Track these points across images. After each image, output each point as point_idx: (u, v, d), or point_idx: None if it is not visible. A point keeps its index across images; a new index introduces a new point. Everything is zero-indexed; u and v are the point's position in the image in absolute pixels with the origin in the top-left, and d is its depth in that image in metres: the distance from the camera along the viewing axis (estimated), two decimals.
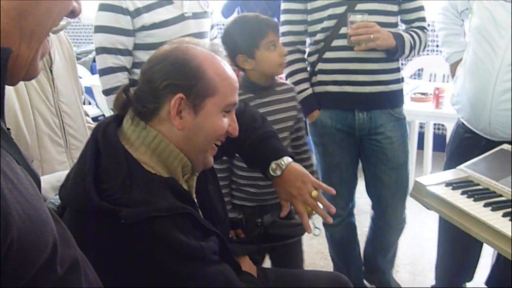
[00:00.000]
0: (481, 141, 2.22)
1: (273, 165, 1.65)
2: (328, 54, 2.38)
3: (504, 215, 1.59)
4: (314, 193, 1.62)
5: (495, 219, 1.58)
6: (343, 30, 2.32)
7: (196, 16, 2.49)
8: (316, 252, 3.44)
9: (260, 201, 2.22)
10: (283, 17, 2.47)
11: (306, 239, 3.52)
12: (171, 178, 1.32)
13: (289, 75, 2.48)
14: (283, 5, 2.46)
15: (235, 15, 4.53)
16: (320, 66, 2.41)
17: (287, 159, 1.66)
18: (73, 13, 0.81)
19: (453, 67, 2.48)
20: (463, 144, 2.34)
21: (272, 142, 1.73)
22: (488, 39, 2.13)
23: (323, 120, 2.46)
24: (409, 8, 2.42)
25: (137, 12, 2.34)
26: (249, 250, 1.73)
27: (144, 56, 2.41)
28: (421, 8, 2.45)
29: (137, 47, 2.41)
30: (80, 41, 6.48)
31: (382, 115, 2.42)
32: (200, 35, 2.48)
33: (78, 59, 5.00)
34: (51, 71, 1.89)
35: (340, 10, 2.32)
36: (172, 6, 2.42)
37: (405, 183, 2.56)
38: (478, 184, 1.84)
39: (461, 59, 2.37)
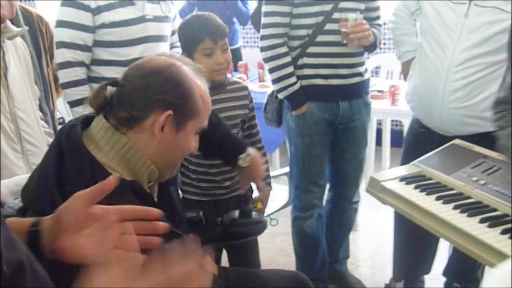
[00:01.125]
0: (434, 136, 2.29)
1: (240, 160, 1.89)
2: (313, 49, 2.49)
3: (455, 208, 1.65)
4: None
5: (446, 211, 1.63)
6: (328, 26, 2.44)
7: (157, 19, 2.53)
8: (278, 250, 3.48)
9: (214, 195, 2.27)
10: (270, 8, 2.51)
11: (268, 236, 3.58)
12: (134, 181, 1.34)
13: (277, 68, 2.53)
14: None
15: None
16: (305, 60, 2.51)
17: (250, 151, 1.90)
18: None
19: (405, 66, 2.56)
20: (418, 139, 2.41)
21: (231, 136, 1.93)
22: (437, 39, 2.21)
23: (311, 111, 2.55)
24: (372, 7, 2.60)
25: (98, 10, 2.39)
26: (210, 249, 1.75)
27: (102, 53, 2.46)
28: (379, 8, 2.64)
29: (96, 44, 2.45)
30: None
31: (359, 103, 2.61)
32: (160, 38, 2.53)
33: None
34: (6, 77, 1.88)
35: (327, 7, 2.42)
36: (133, 7, 2.46)
37: (364, 161, 2.80)
38: (430, 179, 1.90)
39: (413, 58, 2.44)
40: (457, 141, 2.08)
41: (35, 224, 1.04)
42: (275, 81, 2.56)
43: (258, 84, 4.05)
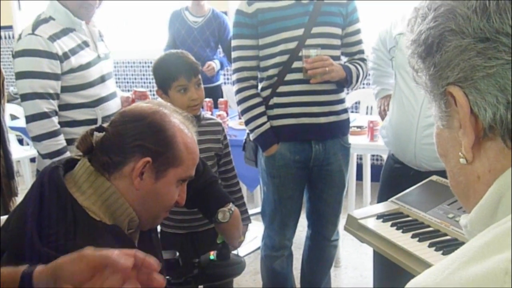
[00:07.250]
0: (409, 171, 2.31)
1: (220, 213, 1.77)
2: (282, 88, 2.48)
3: (430, 246, 1.64)
4: None
5: (421, 249, 1.63)
6: (295, 64, 2.43)
7: (105, 57, 2.62)
8: None
9: (190, 228, 2.27)
10: (235, 54, 2.54)
11: (250, 274, 3.54)
12: (115, 225, 1.32)
13: (246, 110, 2.54)
14: (235, 42, 2.53)
15: None
16: (276, 100, 2.50)
17: (232, 206, 1.79)
18: None
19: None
20: (394, 175, 2.43)
21: (215, 188, 1.82)
22: (411, 74, 2.24)
23: (282, 152, 2.53)
24: (350, 42, 2.58)
25: (65, 56, 2.41)
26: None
27: (70, 98, 2.48)
28: (361, 42, 2.61)
29: (64, 89, 2.45)
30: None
31: (334, 146, 2.57)
32: (110, 75, 2.62)
33: (14, 99, 4.92)
34: None
35: (292, 45, 2.42)
36: (89, 48, 2.53)
37: (342, 201, 2.76)
38: (408, 216, 1.90)
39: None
40: (434, 178, 2.08)
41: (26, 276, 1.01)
42: (245, 124, 2.59)
43: (238, 121, 4.05)
